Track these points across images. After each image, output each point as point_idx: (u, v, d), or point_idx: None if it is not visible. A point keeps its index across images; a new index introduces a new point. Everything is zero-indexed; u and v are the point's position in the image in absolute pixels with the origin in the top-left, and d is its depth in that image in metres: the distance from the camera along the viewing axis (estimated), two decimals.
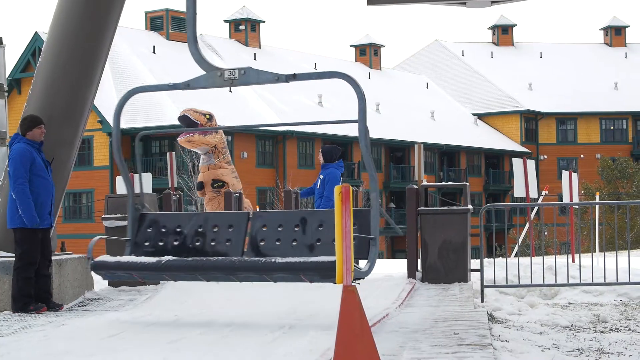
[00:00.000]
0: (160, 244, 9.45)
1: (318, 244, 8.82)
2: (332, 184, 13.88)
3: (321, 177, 14.10)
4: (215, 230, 9.35)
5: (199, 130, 14.88)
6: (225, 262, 8.72)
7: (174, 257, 8.96)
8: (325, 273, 8.26)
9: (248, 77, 8.79)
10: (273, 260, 8.51)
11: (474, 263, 13.42)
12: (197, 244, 9.33)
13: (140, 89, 9.44)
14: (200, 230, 9.39)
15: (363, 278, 8.38)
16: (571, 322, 10.41)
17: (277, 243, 9.01)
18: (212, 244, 9.28)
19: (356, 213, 8.70)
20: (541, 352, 8.19)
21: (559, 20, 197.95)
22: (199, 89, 8.93)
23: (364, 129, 8.22)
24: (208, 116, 15.39)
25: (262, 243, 9.06)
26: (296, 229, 8.98)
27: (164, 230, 9.51)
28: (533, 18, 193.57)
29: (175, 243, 9.41)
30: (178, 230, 9.46)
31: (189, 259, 8.89)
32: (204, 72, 8.89)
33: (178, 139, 16.06)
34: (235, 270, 8.65)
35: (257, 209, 19.68)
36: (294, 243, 8.93)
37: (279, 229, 9.05)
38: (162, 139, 52.47)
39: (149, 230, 9.55)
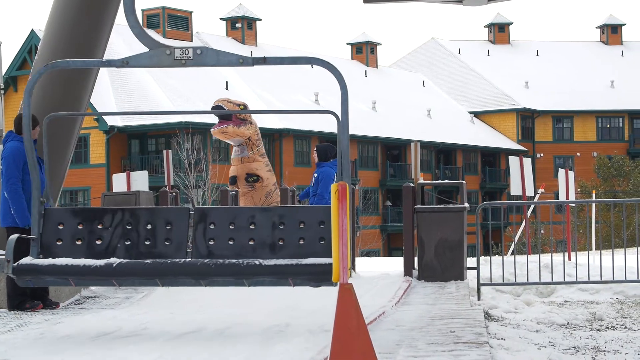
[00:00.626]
0: (78, 243, 8.27)
1: (280, 243, 8.12)
2: (325, 182, 13.86)
3: (315, 175, 14.08)
4: (148, 227, 8.27)
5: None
6: (197, 266, 7.86)
7: (126, 260, 7.99)
8: (319, 277, 7.76)
9: (205, 57, 7.78)
10: (258, 263, 7.81)
11: (471, 261, 13.43)
12: (127, 243, 8.24)
13: (62, 64, 8.26)
14: (129, 227, 8.28)
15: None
16: (567, 320, 10.42)
17: (230, 243, 8.16)
18: (147, 243, 8.23)
19: (325, 211, 8.15)
20: (537, 350, 8.19)
21: (556, 19, 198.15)
22: (141, 68, 8.06)
23: (346, 121, 7.68)
24: (242, 107, 15.20)
25: (211, 243, 8.18)
26: (252, 227, 8.17)
27: (80, 227, 8.32)
28: (529, 16, 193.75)
29: (98, 242, 8.26)
30: (100, 227, 8.30)
31: (147, 261, 7.93)
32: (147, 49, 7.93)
33: (212, 130, 15.87)
34: (208, 275, 7.84)
35: None
36: (250, 243, 8.15)
37: (231, 227, 8.20)
38: (159, 137, 52.41)
39: (59, 227, 8.32)
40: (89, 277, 7.98)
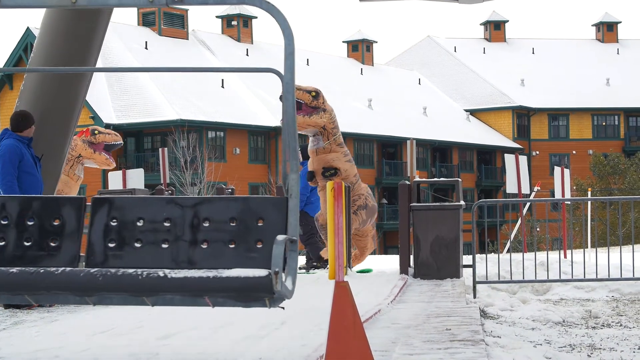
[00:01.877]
0: None
1: (204, 246, 6.27)
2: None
3: None
4: (30, 223, 6.43)
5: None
6: (79, 278, 5.88)
7: None
8: (246, 295, 5.92)
9: None
10: (162, 274, 5.82)
11: (466, 259, 13.44)
12: (1, 244, 6.42)
13: None
14: (4, 223, 6.43)
15: (284, 299, 6.10)
16: (563, 318, 10.43)
17: (137, 245, 6.31)
18: (27, 244, 6.40)
19: (265, 203, 6.37)
20: (533, 347, 8.19)
21: (551, 16, 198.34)
22: (20, 8, 5.85)
23: (290, 80, 5.94)
24: (314, 94, 14.25)
25: (110, 245, 6.34)
26: (166, 224, 6.33)
27: None
28: (525, 14, 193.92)
29: None
30: None
31: (13, 270, 5.95)
32: None
33: (281, 121, 15.12)
34: (94, 290, 5.90)
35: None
36: (164, 245, 6.30)
37: (139, 223, 6.34)
38: (155, 135, 52.39)
39: None
40: None
